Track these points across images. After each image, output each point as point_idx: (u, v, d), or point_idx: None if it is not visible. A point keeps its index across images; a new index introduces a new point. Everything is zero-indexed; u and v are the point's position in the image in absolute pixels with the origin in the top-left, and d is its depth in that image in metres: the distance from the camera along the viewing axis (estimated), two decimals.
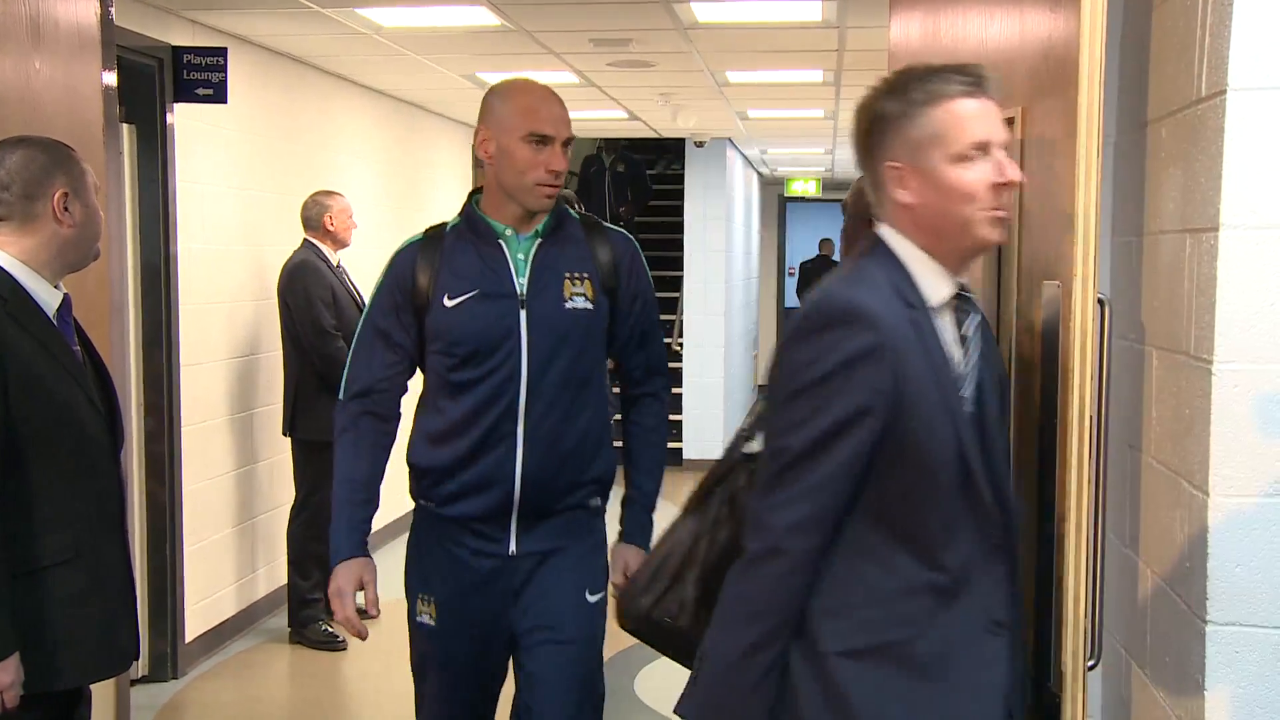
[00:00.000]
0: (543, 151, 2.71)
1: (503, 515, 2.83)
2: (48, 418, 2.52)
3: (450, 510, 2.89)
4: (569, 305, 2.78)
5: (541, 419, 2.77)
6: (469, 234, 2.83)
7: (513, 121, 2.73)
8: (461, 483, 2.83)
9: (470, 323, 2.76)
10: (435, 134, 8.54)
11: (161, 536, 5.21)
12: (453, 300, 2.77)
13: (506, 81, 2.87)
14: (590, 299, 2.80)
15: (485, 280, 2.77)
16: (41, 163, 2.57)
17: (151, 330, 5.18)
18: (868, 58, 6.01)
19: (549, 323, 2.76)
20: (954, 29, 3.05)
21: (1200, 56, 2.30)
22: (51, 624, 2.54)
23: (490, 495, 2.80)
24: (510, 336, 2.75)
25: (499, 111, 2.77)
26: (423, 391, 2.96)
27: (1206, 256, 2.26)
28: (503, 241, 2.79)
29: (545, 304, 2.76)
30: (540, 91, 2.80)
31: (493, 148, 2.76)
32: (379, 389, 2.95)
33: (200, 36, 5.35)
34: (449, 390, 2.82)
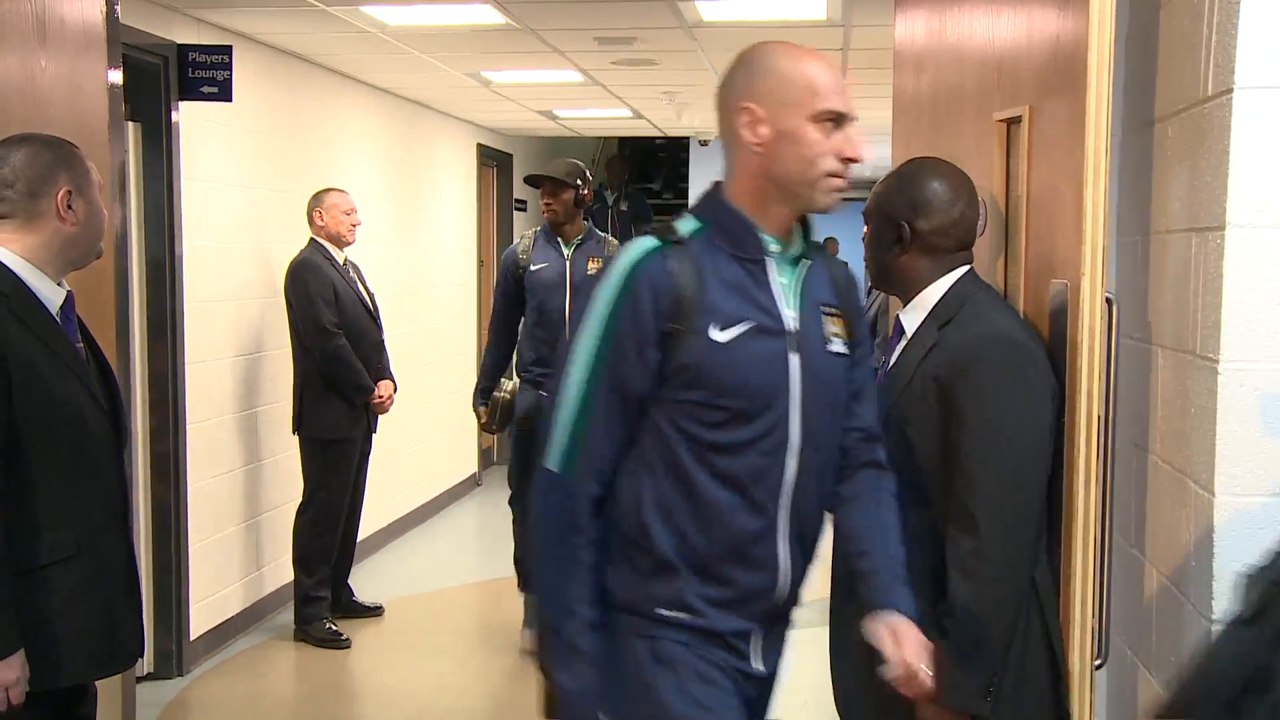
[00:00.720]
0: (835, 134, 2.10)
1: None
2: (50, 415, 2.52)
3: None
4: (831, 349, 2.17)
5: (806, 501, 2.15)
6: (725, 242, 2.12)
7: (798, 95, 2.08)
8: None
9: (747, 366, 2.07)
10: (440, 132, 8.54)
11: (166, 534, 5.21)
12: (725, 333, 2.06)
13: (772, 45, 2.15)
14: (845, 340, 2.20)
15: (755, 309, 2.10)
16: (45, 160, 2.57)
17: (156, 328, 5.17)
18: (872, 56, 6.01)
19: (818, 372, 2.13)
20: (959, 27, 3.04)
21: (1207, 55, 2.29)
22: (55, 621, 2.54)
23: None
24: (780, 390, 2.09)
25: (775, 82, 2.09)
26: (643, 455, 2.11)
27: (1213, 255, 2.25)
28: (769, 258, 2.13)
29: (814, 345, 2.13)
30: (823, 58, 2.15)
31: (766, 130, 2.08)
32: (610, 469, 2.11)
33: (205, 34, 5.35)
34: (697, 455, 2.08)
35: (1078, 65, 2.28)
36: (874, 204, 2.48)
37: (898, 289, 2.48)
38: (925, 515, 2.29)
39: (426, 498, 8.25)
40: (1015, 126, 2.65)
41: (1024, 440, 2.24)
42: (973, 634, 2.21)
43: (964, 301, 2.36)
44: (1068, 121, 2.35)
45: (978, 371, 2.25)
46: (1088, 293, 2.26)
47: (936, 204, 2.40)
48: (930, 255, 2.40)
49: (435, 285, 8.42)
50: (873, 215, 2.48)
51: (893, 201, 2.43)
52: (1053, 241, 2.44)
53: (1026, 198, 2.58)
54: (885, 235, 2.44)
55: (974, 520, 2.21)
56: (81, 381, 2.59)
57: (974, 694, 2.23)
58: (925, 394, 2.30)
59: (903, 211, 2.41)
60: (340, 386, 5.54)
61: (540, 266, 5.35)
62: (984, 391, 2.24)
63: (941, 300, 2.38)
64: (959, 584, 2.22)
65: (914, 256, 2.41)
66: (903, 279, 2.44)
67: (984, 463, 2.22)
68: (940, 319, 2.35)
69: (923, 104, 3.40)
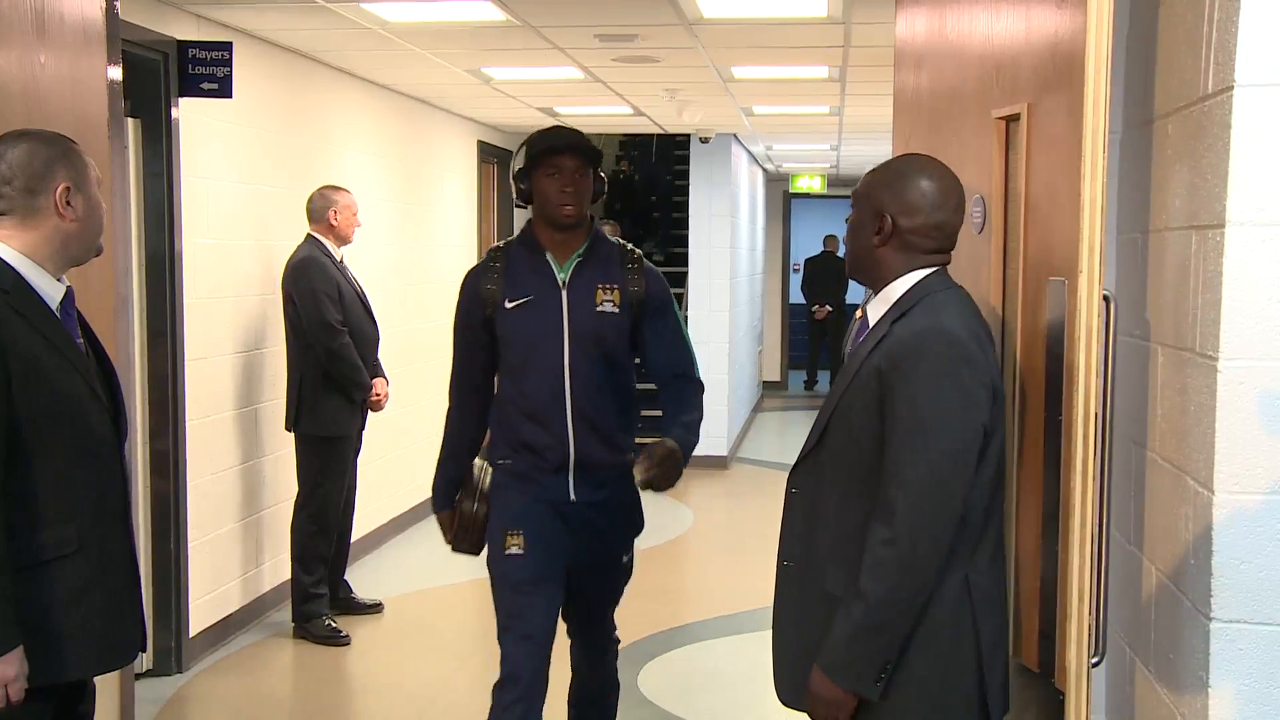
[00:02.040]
0: None
1: None
2: (50, 410, 2.52)
3: None
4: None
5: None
6: None
7: None
8: None
9: None
10: (440, 129, 8.54)
11: (166, 531, 5.22)
12: None
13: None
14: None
15: None
16: (44, 157, 2.57)
17: (156, 324, 5.18)
18: (873, 54, 6.00)
19: None
20: (960, 24, 3.04)
21: (1207, 52, 2.29)
22: (55, 617, 2.54)
23: None
24: None
25: None
26: None
27: (1212, 253, 2.25)
28: None
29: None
30: None
31: None
32: None
33: (206, 31, 5.35)
34: None
35: (1076, 62, 2.28)
36: (863, 190, 2.50)
37: (868, 278, 2.50)
38: (861, 504, 2.35)
39: (426, 494, 8.22)
40: (1014, 124, 2.64)
41: (949, 438, 2.26)
42: (874, 619, 2.27)
43: (922, 297, 2.39)
44: (1066, 119, 2.35)
45: (912, 365, 2.29)
46: (1085, 290, 2.26)
47: (923, 204, 2.41)
48: (905, 252, 2.43)
49: (435, 282, 8.42)
50: (859, 201, 2.50)
51: (880, 193, 2.45)
52: (1051, 239, 2.44)
53: (1025, 195, 2.58)
54: (867, 224, 2.46)
55: (892, 509, 2.26)
56: (82, 377, 2.59)
57: (867, 678, 2.30)
58: (867, 383, 2.35)
59: (889, 205, 2.43)
60: (342, 383, 5.55)
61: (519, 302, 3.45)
62: (915, 385, 2.28)
63: (903, 295, 2.41)
64: (868, 569, 2.27)
65: (890, 250, 2.43)
66: (875, 270, 2.47)
67: (908, 455, 2.26)
68: (897, 313, 2.40)
69: (923, 101, 3.40)
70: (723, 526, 8.60)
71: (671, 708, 4.93)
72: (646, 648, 5.61)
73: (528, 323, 3.41)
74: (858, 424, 2.36)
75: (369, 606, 6.09)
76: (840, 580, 2.37)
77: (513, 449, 3.49)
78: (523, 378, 3.44)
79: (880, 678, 2.29)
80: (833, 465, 2.43)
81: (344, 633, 5.68)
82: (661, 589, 6.84)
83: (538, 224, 3.47)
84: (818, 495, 2.46)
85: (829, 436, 2.44)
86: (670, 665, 5.44)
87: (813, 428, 2.51)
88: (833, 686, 2.32)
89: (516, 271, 3.44)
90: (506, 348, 3.46)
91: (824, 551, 2.43)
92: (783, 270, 16.46)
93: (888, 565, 2.26)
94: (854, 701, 2.33)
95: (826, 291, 15.10)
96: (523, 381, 3.44)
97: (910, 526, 2.25)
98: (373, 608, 6.10)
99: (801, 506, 2.51)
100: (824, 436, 2.45)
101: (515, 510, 3.48)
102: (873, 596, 2.26)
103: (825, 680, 2.33)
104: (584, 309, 3.41)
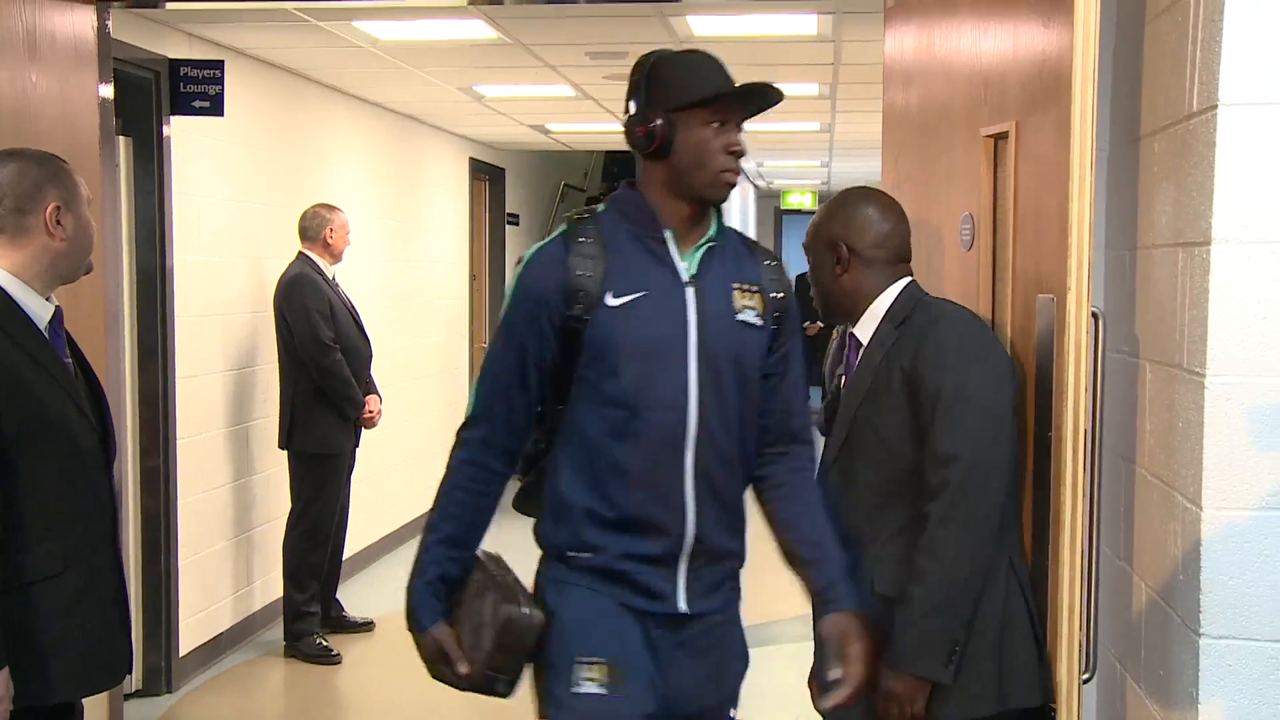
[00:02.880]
0: None
1: None
2: (37, 430, 2.51)
3: None
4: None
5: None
6: None
7: None
8: None
9: None
10: (432, 146, 8.56)
11: (156, 549, 5.20)
12: None
13: None
14: None
15: None
16: (34, 176, 2.57)
17: (147, 342, 5.17)
18: (863, 71, 6.03)
19: None
20: (948, 43, 3.06)
21: (1192, 72, 2.31)
22: (42, 637, 2.52)
23: None
24: None
25: None
26: None
27: (1199, 270, 2.26)
28: None
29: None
30: None
31: None
32: None
33: (197, 49, 5.36)
34: None
35: (1063, 81, 2.29)
36: (810, 235, 2.61)
37: (846, 313, 2.57)
38: (900, 508, 2.38)
39: (418, 512, 8.23)
40: (1002, 141, 2.66)
41: (988, 408, 2.32)
42: (936, 599, 2.28)
43: (916, 301, 2.48)
44: (1054, 137, 2.36)
45: (938, 348, 2.35)
46: (1074, 307, 2.28)
47: (868, 221, 2.52)
48: (870, 268, 2.51)
49: (427, 300, 8.43)
50: (811, 246, 2.60)
51: (826, 227, 2.56)
52: (1040, 256, 2.45)
53: (1014, 213, 2.60)
54: (825, 260, 2.55)
55: (942, 486, 2.29)
56: (70, 397, 2.58)
57: (937, 661, 2.30)
58: (891, 384, 2.39)
59: (837, 233, 2.53)
60: (335, 400, 5.55)
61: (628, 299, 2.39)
62: (947, 366, 2.34)
63: (892, 305, 2.48)
64: (925, 550, 2.29)
65: (856, 273, 2.52)
66: (850, 299, 2.54)
67: (950, 432, 2.30)
68: (896, 319, 2.46)
69: (911, 119, 3.42)
70: None
71: None
72: None
73: (639, 330, 2.24)
74: (885, 424, 2.40)
75: (360, 625, 6.07)
76: (886, 579, 2.37)
77: (598, 529, 2.30)
78: (628, 416, 2.23)
79: (950, 660, 2.29)
80: (864, 472, 2.45)
81: (335, 651, 5.66)
82: None
83: (657, 190, 2.30)
84: (850, 503, 2.45)
85: (852, 445, 2.47)
86: None
87: (829, 444, 2.55)
88: (904, 677, 2.31)
89: (622, 255, 2.28)
90: (601, 368, 2.24)
91: (868, 558, 2.41)
92: None
93: (945, 542, 2.28)
94: (927, 688, 2.32)
95: None
96: (628, 422, 2.23)
97: (963, 499, 2.27)
98: (364, 626, 6.08)
99: None
100: (846, 446, 2.49)
101: (596, 626, 2.32)
102: (932, 576, 2.28)
103: (894, 673, 2.31)
104: (720, 316, 2.29)
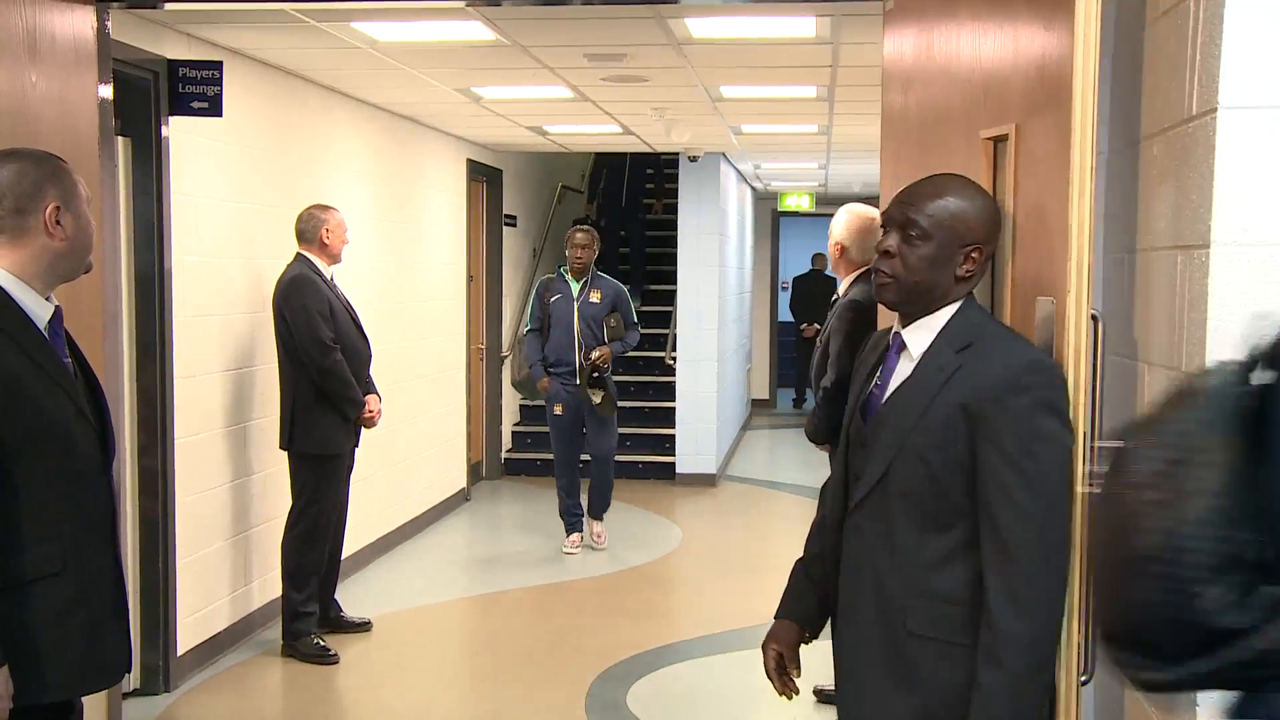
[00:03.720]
0: None
1: None
2: (35, 430, 2.52)
3: None
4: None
5: None
6: None
7: None
8: None
9: None
10: (430, 147, 8.56)
11: (154, 549, 5.20)
12: None
13: None
14: None
15: None
16: (33, 177, 2.57)
17: (145, 342, 5.17)
18: (861, 74, 6.03)
19: None
20: (947, 45, 3.06)
21: (1191, 75, 2.31)
22: (40, 636, 2.53)
23: None
24: None
25: None
26: None
27: (1198, 273, 2.27)
28: None
29: None
30: None
31: None
32: None
33: (196, 50, 5.36)
34: None
35: (1063, 83, 2.30)
36: (945, 219, 2.31)
37: (920, 308, 2.36)
38: (943, 539, 2.28)
39: (415, 513, 8.24)
40: (1002, 144, 2.66)
41: (1059, 467, 2.21)
42: (1031, 659, 2.19)
43: (978, 326, 2.32)
44: (1054, 139, 2.36)
45: (1016, 399, 2.21)
46: (1073, 310, 2.28)
47: (996, 230, 2.38)
48: (969, 282, 2.36)
49: (424, 300, 8.42)
50: (938, 230, 2.31)
51: (974, 227, 2.32)
52: (1039, 259, 2.45)
53: (1013, 216, 2.60)
54: (952, 257, 2.31)
55: (1022, 545, 2.18)
56: (69, 396, 2.58)
57: None
58: (950, 421, 2.25)
59: (984, 239, 2.34)
60: (335, 401, 5.55)
61: None
62: (1021, 419, 2.20)
63: (951, 323, 2.33)
64: (1011, 612, 2.18)
65: (964, 283, 2.34)
66: (935, 301, 2.34)
67: (1020, 490, 2.19)
68: (955, 343, 2.30)
69: (911, 122, 3.42)
70: (711, 544, 8.59)
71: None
72: (635, 666, 5.61)
73: None
74: (939, 460, 2.27)
75: (357, 625, 6.07)
76: (925, 618, 2.29)
77: None
78: None
79: None
80: (903, 501, 2.32)
81: (332, 651, 5.66)
82: (649, 607, 6.83)
83: None
84: (887, 535, 2.34)
85: (894, 475, 2.32)
86: (659, 683, 5.43)
87: (867, 469, 2.38)
88: None
89: None
90: None
91: (899, 590, 2.33)
92: (771, 288, 16.49)
93: (1033, 604, 2.18)
94: None
95: (815, 310, 15.11)
96: None
97: (1043, 558, 2.19)
98: (361, 626, 6.08)
99: (868, 548, 2.38)
100: (887, 475, 2.33)
101: None
102: (1026, 638, 2.18)
103: None
104: None
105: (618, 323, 7.56)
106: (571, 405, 7.55)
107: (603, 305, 7.54)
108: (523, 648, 6.02)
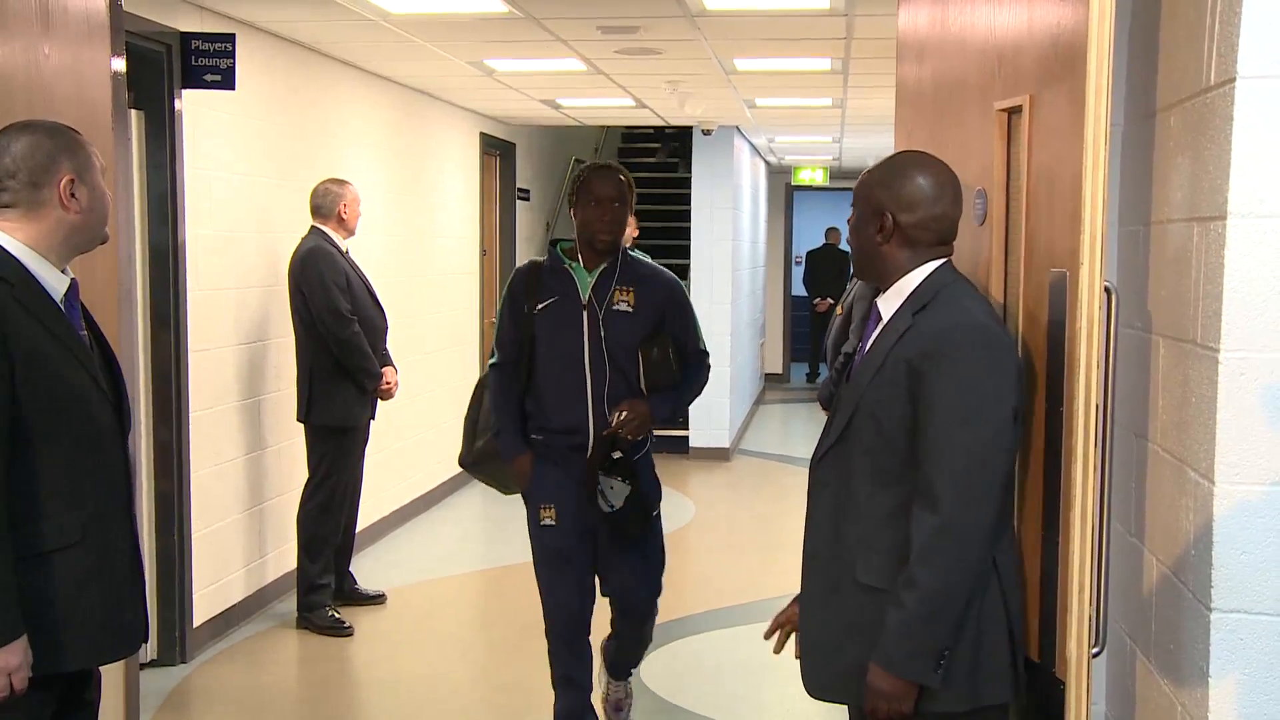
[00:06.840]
0: None
1: None
2: (54, 401, 2.53)
3: None
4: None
5: None
6: None
7: None
8: None
9: None
10: (442, 121, 8.55)
11: (169, 522, 5.23)
12: None
13: None
14: None
15: None
16: (47, 149, 2.57)
17: (160, 315, 5.18)
18: (876, 46, 6.00)
19: None
20: (962, 16, 3.04)
21: (1210, 44, 2.29)
22: (59, 606, 2.55)
23: None
24: None
25: None
26: None
27: (1214, 245, 2.25)
28: None
29: None
30: None
31: None
32: None
33: (209, 23, 5.35)
34: None
35: (1078, 54, 2.28)
36: (861, 191, 2.55)
37: (876, 276, 2.56)
38: (893, 493, 2.41)
39: (429, 486, 8.27)
40: (1016, 116, 2.65)
41: (991, 424, 2.32)
42: (929, 607, 2.32)
43: (939, 289, 2.45)
44: (1068, 111, 2.35)
45: (948, 356, 2.34)
46: (1086, 282, 2.27)
47: (921, 199, 2.47)
48: (910, 247, 2.48)
49: (438, 274, 8.43)
50: (858, 201, 2.56)
51: (878, 192, 2.51)
52: (1053, 231, 2.44)
53: (1027, 187, 2.59)
54: (869, 224, 2.52)
55: (936, 496, 2.31)
56: (86, 369, 2.59)
57: (926, 666, 2.33)
58: (895, 376, 2.39)
59: (887, 203, 2.48)
60: (353, 373, 5.57)
61: None
62: (952, 376, 2.33)
63: (918, 288, 2.46)
64: (920, 559, 2.32)
65: (894, 247, 2.49)
66: (881, 267, 2.52)
67: (948, 443, 2.31)
68: (915, 305, 2.44)
69: (925, 93, 3.40)
70: (724, 518, 8.61)
71: (672, 697, 4.94)
72: None
73: None
74: (886, 416, 2.40)
75: (372, 597, 6.10)
76: (872, 569, 2.42)
77: None
78: None
79: (940, 665, 2.33)
80: (861, 457, 2.46)
81: (347, 623, 5.70)
82: (663, 580, 6.84)
83: None
84: (846, 487, 2.48)
85: (854, 430, 2.47)
86: (671, 656, 5.45)
87: (832, 422, 2.55)
88: (894, 679, 2.35)
89: None
90: None
91: (853, 542, 2.46)
92: (785, 263, 16.46)
93: (940, 552, 2.30)
94: (915, 691, 2.36)
95: (828, 284, 15.09)
96: None
97: (958, 512, 2.30)
98: (376, 599, 6.11)
99: (828, 499, 2.53)
100: (848, 430, 2.48)
101: None
102: (927, 585, 2.30)
103: (885, 674, 2.35)
104: None
105: (667, 352, 3.99)
106: (573, 508, 3.99)
107: (640, 317, 3.94)
108: (536, 620, 6.02)
